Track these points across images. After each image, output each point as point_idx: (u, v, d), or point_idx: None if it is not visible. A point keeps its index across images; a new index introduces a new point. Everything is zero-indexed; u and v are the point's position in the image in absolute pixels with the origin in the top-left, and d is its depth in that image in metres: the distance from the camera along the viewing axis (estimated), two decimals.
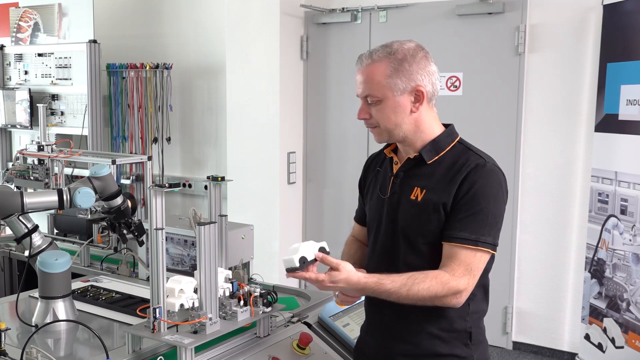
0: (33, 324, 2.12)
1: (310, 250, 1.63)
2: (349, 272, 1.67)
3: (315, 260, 1.67)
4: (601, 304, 3.91)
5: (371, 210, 1.91)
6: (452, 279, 1.66)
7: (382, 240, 1.84)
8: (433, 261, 1.73)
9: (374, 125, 1.80)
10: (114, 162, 3.16)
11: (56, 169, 3.29)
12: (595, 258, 3.95)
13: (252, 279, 2.51)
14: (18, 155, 3.50)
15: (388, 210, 1.82)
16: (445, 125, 1.85)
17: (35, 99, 5.30)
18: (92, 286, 2.57)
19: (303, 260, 1.60)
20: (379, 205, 1.86)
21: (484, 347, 1.85)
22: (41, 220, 2.92)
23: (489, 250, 1.70)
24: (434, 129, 1.81)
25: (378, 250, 1.86)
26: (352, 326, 2.28)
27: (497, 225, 1.72)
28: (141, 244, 2.60)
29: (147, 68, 5.16)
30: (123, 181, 5.17)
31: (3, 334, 1.84)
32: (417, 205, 1.75)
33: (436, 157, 1.78)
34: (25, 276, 2.36)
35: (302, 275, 1.65)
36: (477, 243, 1.68)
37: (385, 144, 1.92)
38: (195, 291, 1.85)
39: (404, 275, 1.67)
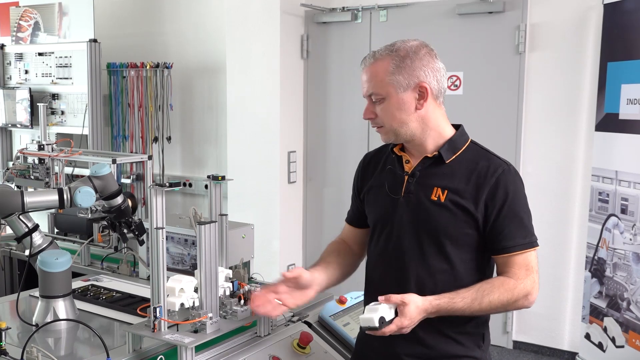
0: (33, 323, 2.12)
1: (387, 310, 1.59)
2: (416, 302, 1.61)
3: (391, 320, 1.60)
4: (601, 303, 3.91)
5: (377, 210, 1.85)
6: (517, 283, 1.69)
7: (396, 241, 1.78)
8: (458, 265, 1.73)
9: (380, 125, 1.77)
10: (114, 162, 3.16)
11: (56, 168, 3.29)
12: (596, 257, 3.95)
13: (252, 278, 2.51)
14: (18, 154, 3.50)
15: (404, 211, 1.77)
16: (455, 126, 1.82)
17: (35, 98, 5.30)
18: (92, 285, 2.57)
19: (382, 320, 1.57)
20: (389, 206, 1.80)
21: (488, 348, 1.86)
22: (41, 220, 2.92)
23: (537, 245, 1.74)
24: (444, 127, 1.78)
25: (390, 252, 1.80)
26: (352, 325, 2.28)
27: (532, 220, 1.76)
28: (141, 243, 2.60)
29: (148, 67, 5.16)
30: (123, 180, 5.17)
31: (3, 333, 1.84)
32: (441, 206, 1.71)
33: (453, 157, 1.76)
34: (25, 275, 2.36)
35: (382, 333, 1.58)
36: (530, 245, 1.72)
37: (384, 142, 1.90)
38: (196, 290, 1.86)
39: (470, 290, 1.66)
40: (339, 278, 1.93)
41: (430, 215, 1.73)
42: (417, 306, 1.61)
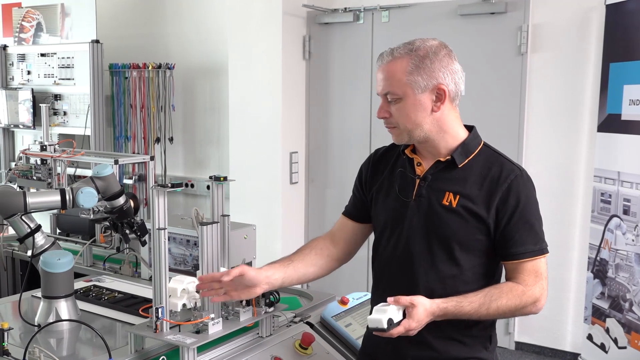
0: (36, 324, 2.12)
1: (395, 312, 1.59)
2: (424, 305, 1.61)
3: (399, 322, 1.60)
4: (604, 304, 3.90)
5: (386, 213, 1.83)
6: (526, 289, 1.68)
7: (406, 245, 1.76)
8: (467, 269, 1.72)
9: (394, 125, 1.74)
10: (116, 162, 3.16)
11: (59, 169, 3.29)
12: (598, 258, 3.94)
13: None
14: (21, 155, 3.51)
15: (414, 215, 1.75)
16: (468, 127, 1.80)
17: (38, 98, 5.30)
18: (94, 286, 2.57)
19: (390, 322, 1.57)
20: (399, 208, 1.78)
21: (495, 349, 1.86)
22: (44, 220, 2.93)
23: (547, 252, 1.73)
24: (458, 131, 1.77)
25: (399, 255, 1.78)
26: (354, 326, 2.28)
27: (542, 226, 1.74)
28: (144, 243, 2.60)
29: (150, 68, 5.16)
30: (125, 181, 5.17)
31: (6, 333, 1.85)
32: (452, 211, 1.70)
33: (466, 161, 1.74)
34: (28, 276, 2.36)
35: (390, 334, 1.58)
36: (541, 252, 1.71)
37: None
38: (198, 291, 1.86)
39: (479, 294, 1.66)
40: (301, 278, 1.89)
41: (441, 220, 1.72)
42: (425, 309, 1.61)
